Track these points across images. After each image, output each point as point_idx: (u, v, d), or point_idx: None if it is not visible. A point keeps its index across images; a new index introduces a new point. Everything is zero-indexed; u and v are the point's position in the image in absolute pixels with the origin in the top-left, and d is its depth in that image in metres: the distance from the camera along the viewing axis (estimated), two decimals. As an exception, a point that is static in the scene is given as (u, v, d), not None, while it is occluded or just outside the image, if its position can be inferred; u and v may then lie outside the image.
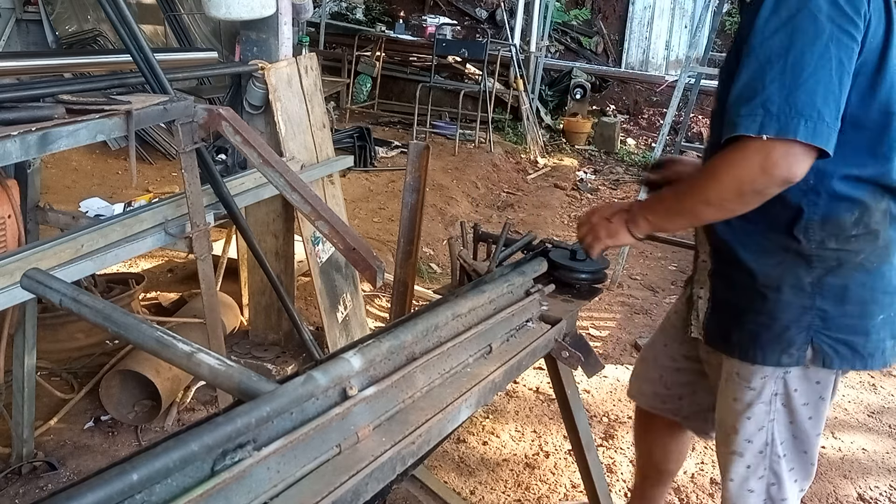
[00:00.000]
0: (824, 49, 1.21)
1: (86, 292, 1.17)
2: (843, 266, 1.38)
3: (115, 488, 0.75)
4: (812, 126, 1.19)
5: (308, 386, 0.98)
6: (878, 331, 1.43)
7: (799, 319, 1.40)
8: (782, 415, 1.49)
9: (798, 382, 1.46)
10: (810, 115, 1.19)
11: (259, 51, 2.71)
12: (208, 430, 0.85)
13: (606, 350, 3.67)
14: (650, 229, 1.51)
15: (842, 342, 1.41)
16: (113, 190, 5.04)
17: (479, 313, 1.40)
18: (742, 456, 1.53)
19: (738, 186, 1.28)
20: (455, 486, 2.48)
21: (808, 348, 1.42)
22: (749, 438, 1.52)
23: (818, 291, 1.39)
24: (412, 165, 1.98)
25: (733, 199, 1.31)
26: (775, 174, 1.23)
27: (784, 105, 1.20)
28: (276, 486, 0.90)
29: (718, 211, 1.36)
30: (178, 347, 1.04)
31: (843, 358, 1.42)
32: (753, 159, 1.24)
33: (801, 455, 1.53)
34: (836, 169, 1.33)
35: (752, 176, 1.25)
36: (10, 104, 1.70)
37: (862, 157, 1.35)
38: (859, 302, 1.40)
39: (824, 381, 1.47)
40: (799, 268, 1.39)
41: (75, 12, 5.99)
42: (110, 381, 2.66)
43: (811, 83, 1.20)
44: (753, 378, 1.48)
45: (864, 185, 1.36)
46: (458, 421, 1.21)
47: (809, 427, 1.50)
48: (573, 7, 11.11)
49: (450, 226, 5.26)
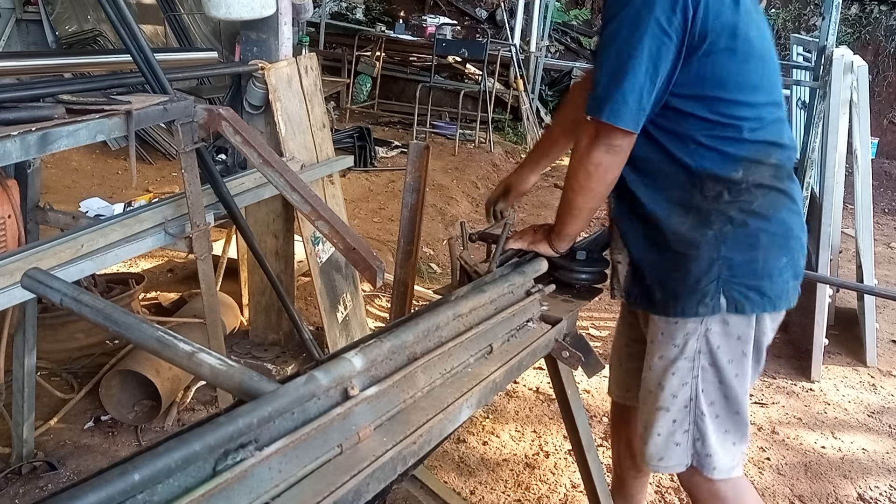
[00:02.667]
0: (638, 41, 1.40)
1: (86, 292, 1.17)
2: (740, 216, 1.50)
3: (117, 488, 0.75)
4: (613, 108, 1.42)
5: (310, 386, 0.98)
6: (782, 273, 1.54)
7: (709, 270, 1.51)
8: (710, 374, 1.58)
9: (720, 339, 1.56)
10: (615, 99, 1.42)
11: (259, 51, 2.71)
12: (210, 430, 0.85)
13: (606, 350, 3.67)
14: (562, 240, 1.68)
15: (751, 287, 1.52)
16: (113, 190, 5.04)
17: (480, 313, 1.40)
18: (668, 411, 1.62)
19: (584, 165, 1.51)
20: (455, 486, 2.48)
21: (721, 297, 1.52)
22: (674, 393, 1.60)
23: (722, 241, 1.50)
24: (412, 165, 1.98)
25: (587, 178, 1.52)
26: (599, 149, 1.47)
27: (602, 91, 1.44)
28: (277, 486, 0.90)
29: (581, 194, 1.55)
30: (179, 347, 1.03)
31: (753, 303, 1.52)
32: (582, 138, 1.50)
33: (734, 416, 1.62)
34: (707, 132, 1.49)
35: (588, 152, 1.49)
36: (10, 104, 1.70)
37: (741, 120, 1.49)
38: (762, 247, 1.51)
39: (744, 335, 1.56)
40: (702, 222, 1.51)
41: (75, 12, 5.99)
42: (110, 381, 2.66)
43: (622, 72, 1.41)
44: (677, 335, 1.57)
45: (743, 143, 1.49)
46: (458, 421, 1.21)
47: (737, 385, 1.59)
48: (573, 7, 11.10)
49: (450, 226, 5.26)
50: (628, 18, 1.42)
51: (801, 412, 3.21)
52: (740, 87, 1.48)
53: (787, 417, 3.15)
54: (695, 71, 1.45)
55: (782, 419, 3.13)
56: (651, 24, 1.40)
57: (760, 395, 3.34)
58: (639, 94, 1.42)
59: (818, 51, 3.95)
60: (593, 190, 1.55)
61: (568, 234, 1.67)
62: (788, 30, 9.76)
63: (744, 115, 1.49)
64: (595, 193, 1.56)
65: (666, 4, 1.40)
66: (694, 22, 1.41)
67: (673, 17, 1.40)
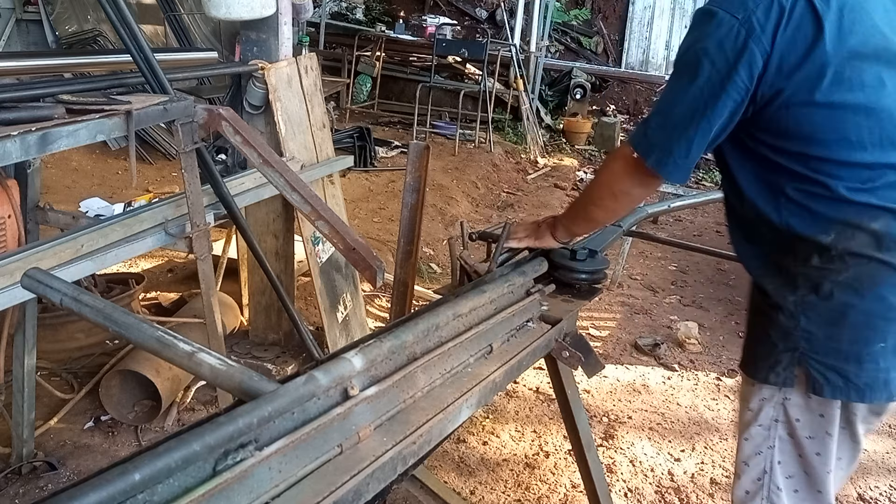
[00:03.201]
0: (695, 93, 1.32)
1: (86, 292, 1.17)
2: (827, 286, 1.32)
3: (118, 488, 0.75)
4: (660, 157, 1.38)
5: (309, 386, 0.98)
6: (877, 359, 1.32)
7: (786, 338, 1.37)
8: (788, 445, 1.42)
9: (800, 412, 1.40)
10: (663, 147, 1.37)
11: (259, 51, 2.70)
12: (210, 430, 0.85)
13: (606, 350, 3.67)
14: (567, 234, 1.68)
15: (831, 368, 1.33)
16: (113, 190, 5.03)
17: (480, 313, 1.40)
18: (739, 478, 1.49)
19: (612, 188, 1.50)
20: (455, 486, 2.48)
21: (796, 370, 1.36)
22: (746, 461, 1.47)
23: (803, 311, 1.34)
24: (412, 166, 1.98)
25: (611, 199, 1.51)
26: (633, 180, 1.45)
27: (653, 133, 1.40)
28: (277, 486, 0.90)
29: (602, 209, 1.56)
30: (179, 347, 1.04)
31: (834, 387, 1.34)
32: (620, 162, 1.47)
33: (816, 494, 1.43)
34: (796, 186, 1.32)
35: (619, 176, 1.48)
36: (10, 104, 1.70)
37: (834, 178, 1.30)
38: (849, 326, 1.32)
39: (828, 415, 1.38)
40: (787, 284, 1.37)
41: (75, 12, 5.99)
42: (110, 381, 2.66)
43: (674, 121, 1.36)
44: (752, 398, 1.44)
45: (839, 203, 1.30)
46: (458, 421, 1.21)
47: (818, 464, 1.41)
48: (573, 7, 11.10)
49: (450, 226, 5.26)
50: (688, 66, 1.32)
51: (801, 412, 3.21)
52: (830, 144, 1.28)
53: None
54: (774, 123, 1.31)
55: (782, 419, 3.13)
56: (710, 76, 1.29)
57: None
58: (687, 148, 1.35)
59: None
60: (614, 210, 1.56)
61: (574, 233, 1.68)
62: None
63: (839, 174, 1.29)
64: (614, 213, 1.57)
65: (730, 56, 1.27)
66: (763, 77, 1.27)
67: (735, 72, 1.27)
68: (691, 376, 3.47)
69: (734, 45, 1.27)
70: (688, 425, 3.03)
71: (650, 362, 3.58)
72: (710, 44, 1.29)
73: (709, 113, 1.32)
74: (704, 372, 3.52)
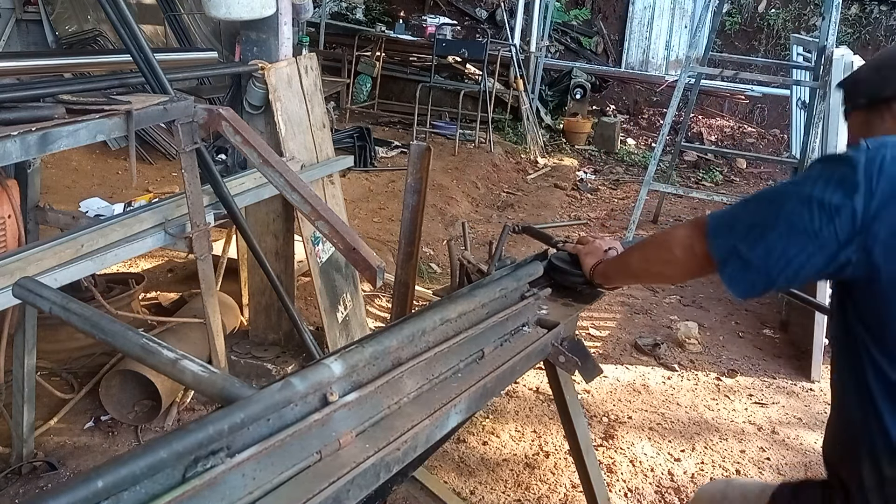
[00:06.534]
0: (790, 235, 1.16)
1: (75, 300, 1.17)
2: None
3: (79, 495, 0.74)
4: (736, 272, 1.22)
5: (285, 392, 0.97)
6: None
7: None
8: None
9: None
10: (747, 262, 1.21)
11: (259, 51, 2.70)
12: (178, 437, 0.84)
13: (606, 350, 3.67)
14: (601, 278, 1.61)
15: None
16: (113, 190, 5.03)
17: (471, 318, 1.37)
18: None
19: (669, 246, 1.37)
20: (455, 486, 2.48)
21: None
22: None
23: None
24: (413, 167, 1.98)
25: (658, 261, 1.41)
26: (691, 265, 1.33)
27: (739, 240, 1.22)
28: (252, 492, 0.89)
29: (649, 278, 1.49)
30: (163, 354, 1.04)
31: None
32: (688, 239, 1.33)
33: None
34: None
35: (681, 262, 1.35)
36: (10, 104, 1.70)
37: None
38: None
39: None
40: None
41: (75, 12, 5.99)
42: (110, 381, 2.66)
43: (766, 244, 1.19)
44: None
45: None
46: (447, 427, 1.18)
47: None
48: (573, 7, 11.10)
49: (450, 226, 5.26)
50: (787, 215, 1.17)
51: (802, 412, 3.21)
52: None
53: (787, 417, 3.15)
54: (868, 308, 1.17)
55: (782, 419, 3.13)
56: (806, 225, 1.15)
57: (761, 394, 3.34)
58: (765, 275, 1.20)
59: (818, 51, 3.96)
60: (657, 274, 1.57)
61: (610, 280, 1.61)
62: (788, 30, 9.77)
63: None
64: (654, 275, 1.56)
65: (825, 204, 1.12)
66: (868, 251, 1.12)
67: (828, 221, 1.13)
68: (691, 376, 3.47)
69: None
70: (688, 425, 3.03)
71: (650, 362, 3.58)
72: None
73: (796, 256, 1.19)
74: (704, 372, 3.52)
